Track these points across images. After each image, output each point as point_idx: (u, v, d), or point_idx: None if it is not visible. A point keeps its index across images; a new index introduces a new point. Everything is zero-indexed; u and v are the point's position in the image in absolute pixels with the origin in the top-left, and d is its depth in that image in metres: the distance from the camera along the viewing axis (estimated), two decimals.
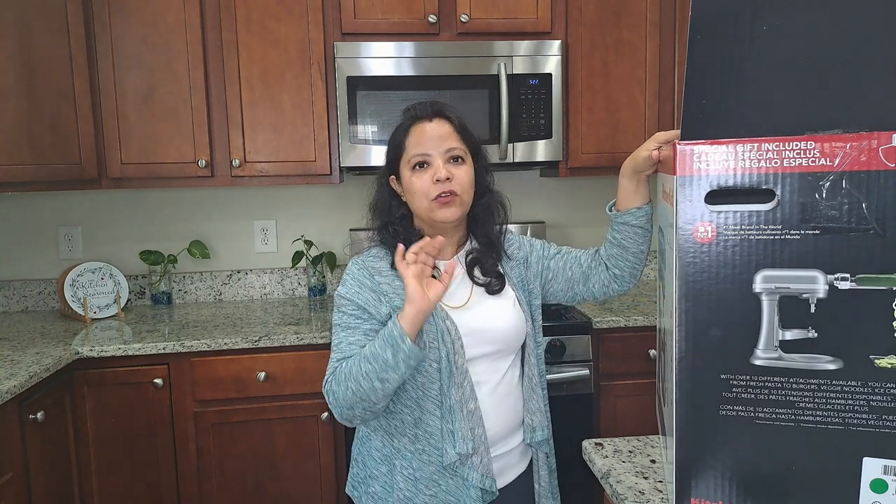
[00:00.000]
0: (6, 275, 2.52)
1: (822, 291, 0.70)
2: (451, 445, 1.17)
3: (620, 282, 1.29)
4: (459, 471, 1.18)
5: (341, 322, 1.21)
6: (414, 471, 1.21)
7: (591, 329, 2.10)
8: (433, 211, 1.21)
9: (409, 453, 1.21)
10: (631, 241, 1.24)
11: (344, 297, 1.22)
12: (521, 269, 1.33)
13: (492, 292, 1.27)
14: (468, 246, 1.31)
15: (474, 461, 1.18)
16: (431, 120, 1.23)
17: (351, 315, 1.21)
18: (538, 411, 1.29)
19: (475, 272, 1.28)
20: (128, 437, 1.98)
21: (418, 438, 1.20)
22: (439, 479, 1.20)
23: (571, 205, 2.75)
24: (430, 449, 1.20)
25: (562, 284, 1.34)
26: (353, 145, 2.20)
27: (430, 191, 1.20)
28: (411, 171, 1.22)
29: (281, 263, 2.64)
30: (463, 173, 1.22)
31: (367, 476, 1.28)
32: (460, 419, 1.16)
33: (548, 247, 1.37)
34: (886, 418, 0.70)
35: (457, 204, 1.21)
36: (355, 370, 1.12)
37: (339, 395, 1.14)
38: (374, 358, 1.10)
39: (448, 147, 1.21)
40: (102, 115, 2.17)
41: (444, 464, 1.18)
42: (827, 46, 0.73)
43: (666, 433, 0.90)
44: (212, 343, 1.98)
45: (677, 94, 2.36)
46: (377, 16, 2.23)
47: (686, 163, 0.73)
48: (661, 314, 0.98)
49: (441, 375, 1.18)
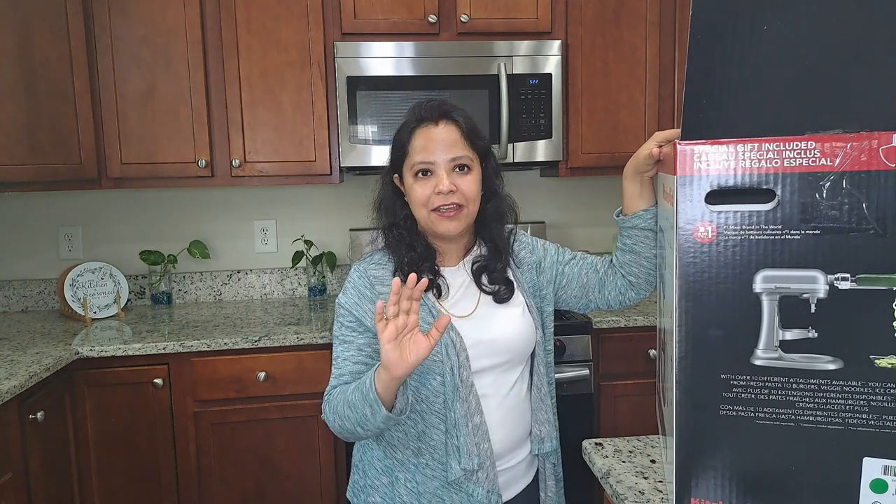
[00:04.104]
0: (6, 275, 2.52)
1: (822, 291, 0.70)
2: (456, 461, 1.13)
3: (637, 289, 1.24)
4: (464, 486, 1.15)
5: (339, 334, 1.20)
6: (417, 485, 1.17)
7: (591, 329, 2.10)
8: (433, 223, 1.16)
9: (412, 466, 1.18)
10: (642, 245, 1.18)
11: (343, 307, 1.20)
12: (532, 275, 1.27)
13: (500, 300, 1.22)
14: (476, 251, 1.26)
15: (480, 477, 1.14)
16: (437, 123, 1.16)
17: (348, 327, 1.19)
18: (546, 422, 1.24)
19: (482, 279, 1.22)
20: (128, 437, 1.98)
21: (421, 452, 1.17)
22: (443, 495, 1.17)
23: (571, 205, 2.75)
24: (433, 464, 1.16)
25: (576, 291, 1.28)
26: (353, 145, 2.20)
27: (430, 201, 1.15)
28: (413, 178, 1.17)
29: (281, 263, 2.64)
30: (468, 184, 1.16)
31: (367, 485, 1.24)
32: (465, 434, 1.13)
33: (562, 252, 1.31)
34: (886, 418, 0.70)
35: (461, 217, 1.16)
36: (341, 409, 1.10)
37: (330, 422, 1.14)
38: (354, 408, 1.07)
39: (454, 155, 1.15)
40: (102, 115, 2.17)
41: (449, 479, 1.14)
42: (827, 46, 0.73)
43: (666, 433, 0.90)
44: (212, 343, 1.98)
45: (677, 94, 2.36)
46: (377, 16, 2.23)
47: (686, 163, 0.73)
48: (661, 314, 0.98)
49: (445, 389, 1.14)
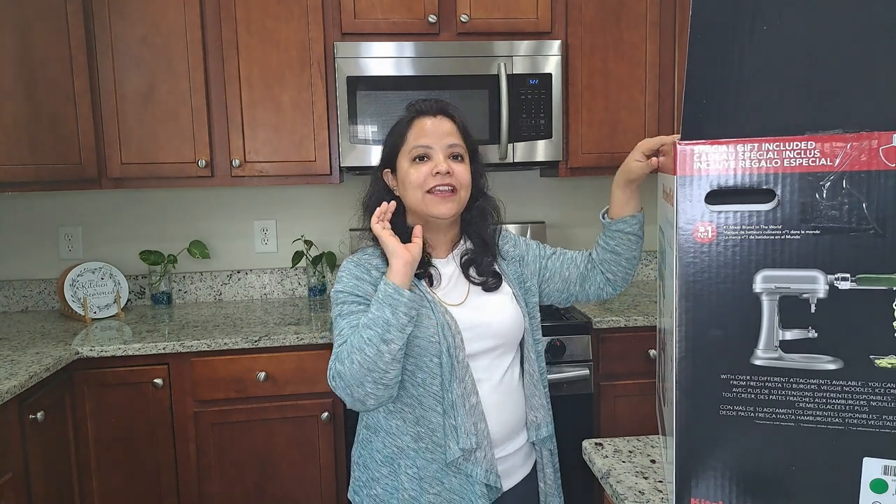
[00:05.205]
0: (6, 275, 2.52)
1: (822, 291, 0.70)
2: (455, 441, 1.16)
3: (614, 285, 1.34)
4: (463, 467, 1.18)
5: (341, 312, 1.20)
6: (418, 469, 1.20)
7: (591, 329, 2.10)
8: (427, 205, 1.20)
9: (412, 452, 1.20)
10: (624, 247, 1.28)
11: (342, 292, 1.21)
12: (516, 266, 1.33)
13: (488, 290, 1.27)
14: (462, 246, 1.31)
15: (478, 456, 1.18)
16: (435, 116, 1.23)
17: (351, 304, 1.20)
18: (541, 407, 1.29)
19: (470, 271, 1.28)
20: (128, 436, 1.98)
21: (420, 437, 1.20)
22: (443, 478, 1.19)
23: (571, 205, 2.75)
24: (433, 447, 1.19)
25: (558, 284, 1.35)
26: (353, 145, 2.20)
27: (425, 182, 1.19)
28: (410, 163, 1.22)
29: (281, 263, 2.64)
30: (463, 170, 1.22)
31: (368, 479, 1.26)
32: (462, 414, 1.16)
33: (543, 247, 1.38)
34: (886, 418, 0.70)
35: (455, 200, 1.21)
36: (356, 341, 1.11)
37: (346, 373, 1.11)
38: (374, 322, 1.09)
39: (450, 143, 1.22)
40: (102, 115, 2.17)
41: (448, 460, 1.17)
42: (827, 46, 0.73)
43: (666, 433, 0.90)
44: (212, 343, 1.98)
45: (677, 94, 2.36)
46: (377, 16, 2.23)
47: (686, 163, 0.73)
48: (661, 314, 0.98)
49: (442, 371, 1.17)
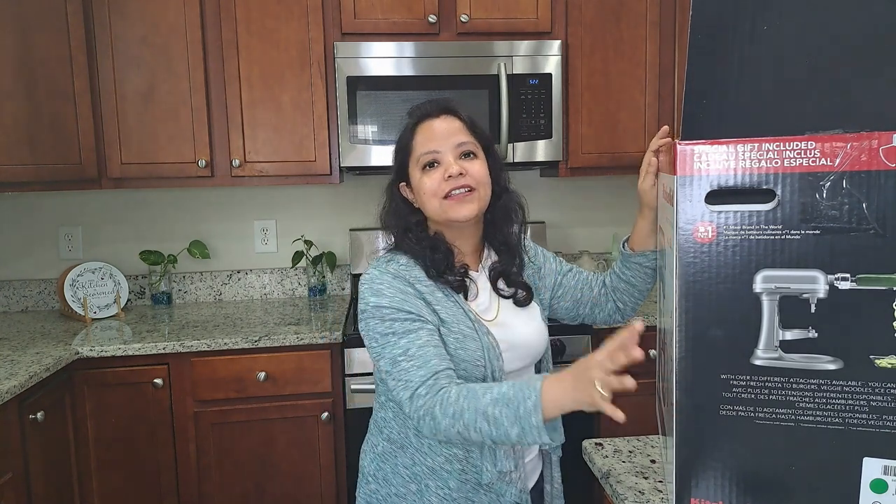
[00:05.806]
0: (6, 275, 2.52)
1: (822, 291, 0.70)
2: (492, 464, 1.12)
3: (623, 314, 1.30)
4: (496, 487, 1.14)
5: (393, 329, 1.07)
6: (451, 491, 1.15)
7: (591, 329, 2.10)
8: (447, 211, 1.13)
9: (445, 473, 1.15)
10: (640, 279, 1.23)
11: (388, 307, 1.09)
12: (535, 279, 1.28)
13: (519, 305, 1.21)
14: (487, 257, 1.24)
15: (513, 477, 1.14)
16: (438, 116, 1.15)
17: (405, 321, 1.08)
18: None
19: (499, 284, 1.21)
20: (128, 436, 1.98)
21: (456, 458, 1.14)
22: (473, 496, 1.15)
23: (571, 205, 2.75)
24: (467, 468, 1.14)
25: (569, 303, 1.30)
26: (353, 145, 2.20)
27: (440, 188, 1.12)
28: (421, 172, 1.15)
29: (281, 263, 2.64)
30: (477, 167, 1.14)
31: (390, 494, 1.19)
32: None
33: (560, 262, 1.33)
34: (886, 418, 0.70)
35: (474, 199, 1.13)
36: (469, 419, 0.97)
37: (442, 427, 1.00)
38: (497, 425, 0.95)
39: (458, 141, 1.14)
40: (102, 115, 2.16)
41: (483, 482, 1.13)
42: (827, 46, 0.73)
43: (666, 433, 0.90)
44: (212, 343, 1.98)
45: (677, 94, 2.36)
46: (377, 16, 2.23)
47: (686, 163, 0.73)
48: (661, 314, 0.98)
49: None
